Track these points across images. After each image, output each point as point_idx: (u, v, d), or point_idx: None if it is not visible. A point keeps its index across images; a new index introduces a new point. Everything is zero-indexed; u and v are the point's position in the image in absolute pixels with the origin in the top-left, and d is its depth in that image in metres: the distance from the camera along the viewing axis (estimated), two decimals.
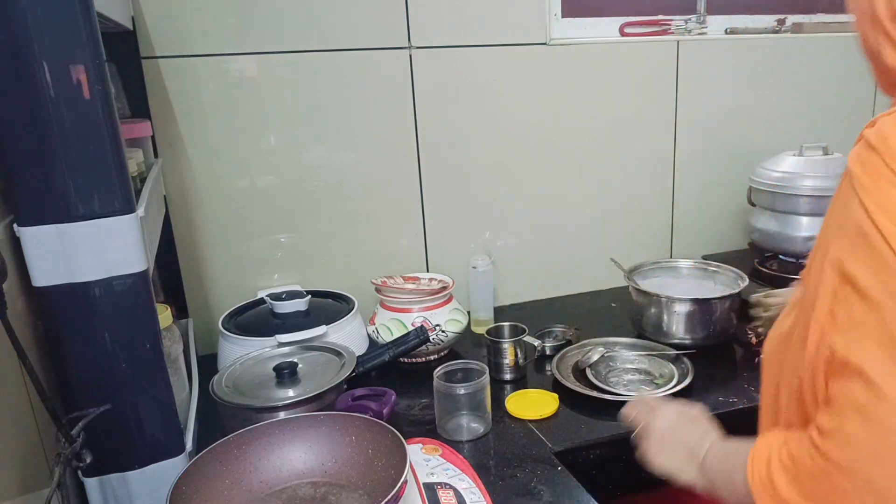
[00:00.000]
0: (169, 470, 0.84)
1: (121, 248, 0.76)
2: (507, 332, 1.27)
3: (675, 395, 1.13)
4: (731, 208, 1.78)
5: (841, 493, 0.55)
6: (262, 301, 1.34)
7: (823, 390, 0.59)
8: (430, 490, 0.86)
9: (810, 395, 0.61)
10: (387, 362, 1.15)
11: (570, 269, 1.69)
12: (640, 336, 1.37)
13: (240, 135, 1.37)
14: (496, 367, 1.24)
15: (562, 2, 1.58)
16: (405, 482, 0.74)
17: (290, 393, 1.01)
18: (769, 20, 1.81)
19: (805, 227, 1.48)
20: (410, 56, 1.43)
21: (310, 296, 1.31)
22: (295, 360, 1.08)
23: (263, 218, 1.42)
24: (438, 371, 1.07)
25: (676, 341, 1.31)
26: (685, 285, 1.46)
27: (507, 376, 1.25)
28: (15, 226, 0.73)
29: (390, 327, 1.30)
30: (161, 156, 1.30)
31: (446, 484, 0.88)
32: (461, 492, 0.87)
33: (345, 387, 1.07)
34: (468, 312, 1.48)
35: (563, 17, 1.60)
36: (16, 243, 0.73)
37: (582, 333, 1.40)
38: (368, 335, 1.34)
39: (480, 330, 1.43)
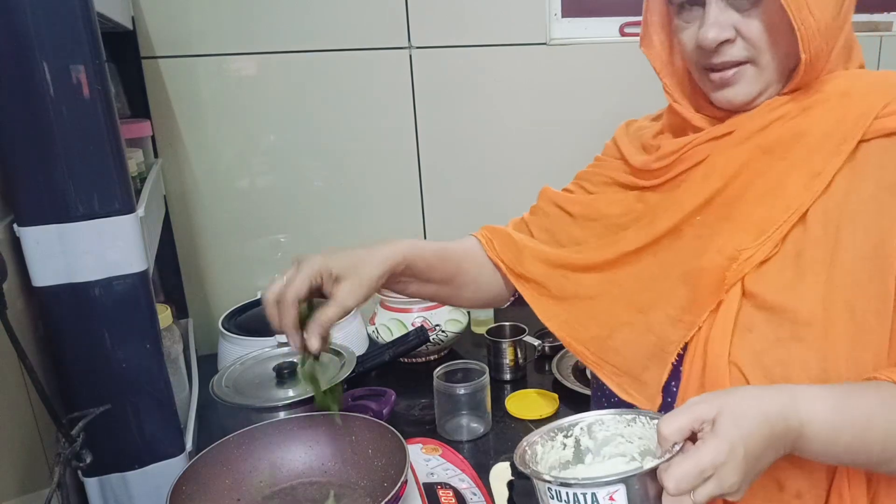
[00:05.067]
0: (169, 470, 0.84)
1: (121, 248, 0.76)
2: (507, 332, 1.27)
3: None
4: None
5: None
6: (262, 301, 1.34)
7: None
8: (430, 490, 0.86)
9: None
10: (387, 362, 1.15)
11: None
12: None
13: (240, 135, 1.37)
14: (496, 367, 1.24)
15: (562, 2, 1.58)
16: (405, 482, 0.74)
17: (290, 393, 1.01)
18: None
19: None
20: (410, 56, 1.43)
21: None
22: (295, 360, 1.07)
23: (263, 218, 1.42)
24: (438, 371, 1.07)
25: None
26: None
27: (507, 376, 1.25)
28: (15, 226, 0.73)
29: (390, 327, 1.30)
30: (161, 156, 1.30)
31: (446, 484, 0.88)
32: (461, 492, 0.87)
33: (345, 387, 1.07)
34: (468, 312, 1.48)
35: (563, 17, 1.59)
36: (16, 243, 0.73)
37: None
38: (368, 335, 1.34)
39: (480, 330, 1.43)
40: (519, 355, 1.25)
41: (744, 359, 0.61)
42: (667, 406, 0.68)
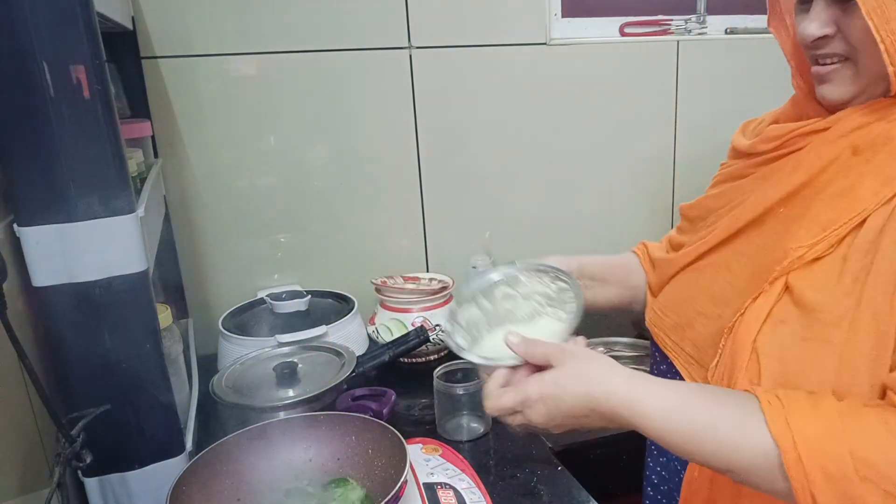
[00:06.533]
0: (169, 470, 0.84)
1: (121, 248, 0.76)
2: None
3: None
4: None
5: None
6: (262, 301, 1.34)
7: None
8: (430, 490, 0.86)
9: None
10: (387, 362, 1.15)
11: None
12: (640, 336, 1.37)
13: (240, 135, 1.37)
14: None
15: (562, 2, 1.58)
16: (405, 482, 0.74)
17: (290, 393, 1.01)
18: None
19: None
20: (410, 56, 1.43)
21: (310, 296, 1.31)
22: (295, 360, 1.08)
23: (263, 218, 1.42)
24: (438, 371, 1.07)
25: None
26: None
27: None
28: (15, 226, 0.72)
29: (390, 327, 1.30)
30: (161, 156, 1.30)
31: (446, 484, 0.88)
32: (461, 492, 0.87)
33: (345, 387, 1.07)
34: None
35: (563, 17, 1.59)
36: (16, 243, 0.73)
37: (582, 333, 1.40)
38: (368, 335, 1.34)
39: None
40: None
41: (766, 349, 0.62)
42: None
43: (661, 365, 0.82)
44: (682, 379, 0.75)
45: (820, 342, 0.59)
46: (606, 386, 0.61)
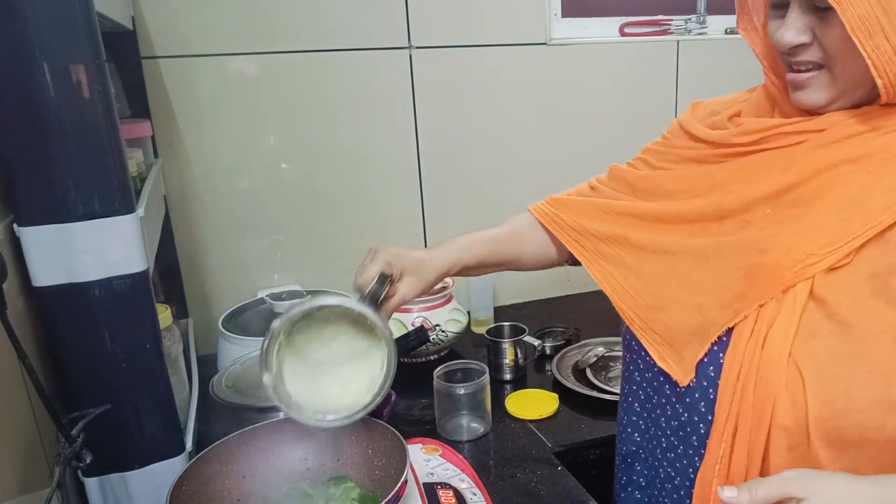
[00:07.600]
0: (169, 470, 0.84)
1: (121, 248, 0.76)
2: (507, 332, 1.27)
3: None
4: None
5: None
6: (262, 301, 1.34)
7: None
8: (430, 490, 0.86)
9: None
10: None
11: (569, 269, 1.69)
12: None
13: (240, 135, 1.37)
14: (496, 367, 1.24)
15: (562, 2, 1.58)
16: (405, 482, 0.74)
17: None
18: None
19: None
20: (410, 56, 1.43)
21: (310, 296, 1.30)
22: None
23: (263, 218, 1.42)
24: (438, 371, 1.07)
25: None
26: None
27: (507, 376, 1.25)
28: (15, 226, 0.72)
29: (390, 327, 1.30)
30: (161, 156, 1.30)
31: (446, 484, 0.88)
32: (461, 492, 0.87)
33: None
34: (468, 312, 1.48)
35: (563, 17, 1.59)
36: (16, 243, 0.73)
37: (582, 333, 1.40)
38: None
39: (480, 330, 1.43)
40: (519, 355, 1.25)
41: (806, 363, 0.60)
42: (700, 387, 0.68)
43: (642, 352, 0.78)
44: (653, 362, 0.74)
45: (858, 359, 0.58)
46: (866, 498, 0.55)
